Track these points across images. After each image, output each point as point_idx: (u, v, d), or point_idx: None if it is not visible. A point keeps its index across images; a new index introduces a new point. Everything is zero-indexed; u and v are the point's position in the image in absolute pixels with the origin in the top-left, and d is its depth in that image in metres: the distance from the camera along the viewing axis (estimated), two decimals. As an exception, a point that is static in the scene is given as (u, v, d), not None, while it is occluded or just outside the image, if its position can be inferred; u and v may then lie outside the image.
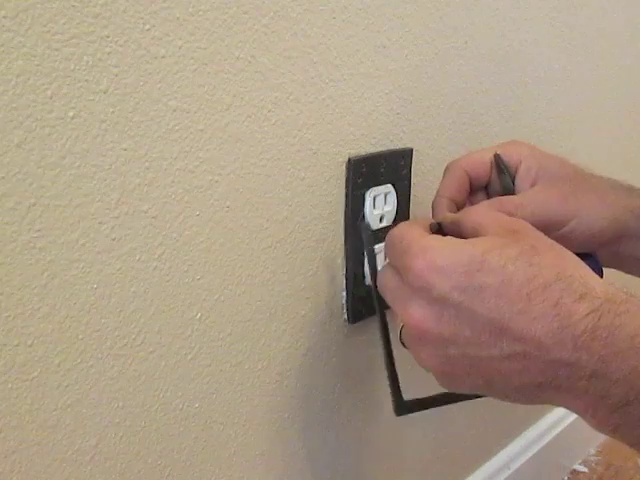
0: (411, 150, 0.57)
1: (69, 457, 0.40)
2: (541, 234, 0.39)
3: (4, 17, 0.32)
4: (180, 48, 0.39)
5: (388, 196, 0.55)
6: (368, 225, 0.53)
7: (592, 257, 0.48)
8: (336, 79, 0.49)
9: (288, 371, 0.52)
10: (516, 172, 0.49)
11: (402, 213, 0.57)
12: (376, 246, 0.55)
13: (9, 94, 0.33)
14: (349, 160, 0.52)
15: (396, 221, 0.57)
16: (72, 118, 0.35)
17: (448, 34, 0.58)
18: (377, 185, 0.54)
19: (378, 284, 0.42)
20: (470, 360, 0.36)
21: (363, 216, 0.54)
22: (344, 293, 0.55)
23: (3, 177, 0.33)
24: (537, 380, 0.35)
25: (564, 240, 0.45)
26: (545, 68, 0.74)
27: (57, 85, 0.34)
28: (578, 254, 0.48)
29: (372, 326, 0.59)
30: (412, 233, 0.39)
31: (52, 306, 0.37)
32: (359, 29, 0.50)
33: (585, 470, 1.01)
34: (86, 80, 0.35)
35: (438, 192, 0.49)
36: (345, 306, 0.55)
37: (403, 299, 0.38)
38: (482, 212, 0.41)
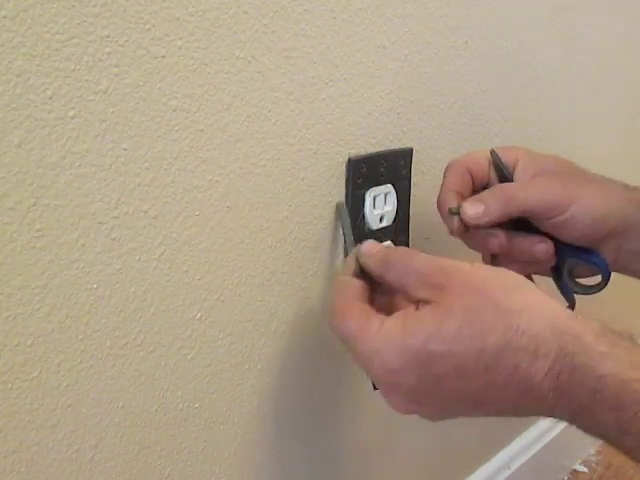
0: (411, 150, 0.57)
1: (69, 457, 0.40)
2: (468, 271, 0.38)
3: (4, 17, 0.32)
4: (180, 48, 0.39)
5: (388, 196, 0.55)
6: (344, 208, 0.52)
7: (597, 255, 0.48)
8: (336, 79, 0.49)
9: (288, 371, 0.52)
10: (514, 170, 0.50)
11: (402, 213, 0.57)
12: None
13: (9, 94, 0.33)
14: (349, 160, 0.52)
15: (396, 221, 0.57)
16: (72, 118, 0.35)
17: (448, 34, 0.58)
18: (377, 185, 0.54)
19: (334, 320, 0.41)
20: (463, 413, 0.39)
21: (363, 216, 0.54)
22: (344, 293, 0.55)
23: (3, 177, 0.33)
24: (530, 414, 0.37)
25: (567, 227, 0.46)
26: (545, 68, 0.74)
27: (57, 85, 0.34)
28: (583, 249, 0.49)
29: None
30: (350, 328, 0.39)
31: (52, 306, 0.37)
32: (359, 29, 0.50)
33: (585, 470, 1.01)
34: (86, 80, 0.35)
35: (444, 187, 0.50)
36: (345, 306, 0.55)
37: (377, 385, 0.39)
38: (401, 270, 0.40)
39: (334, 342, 0.56)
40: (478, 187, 0.51)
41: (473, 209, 0.47)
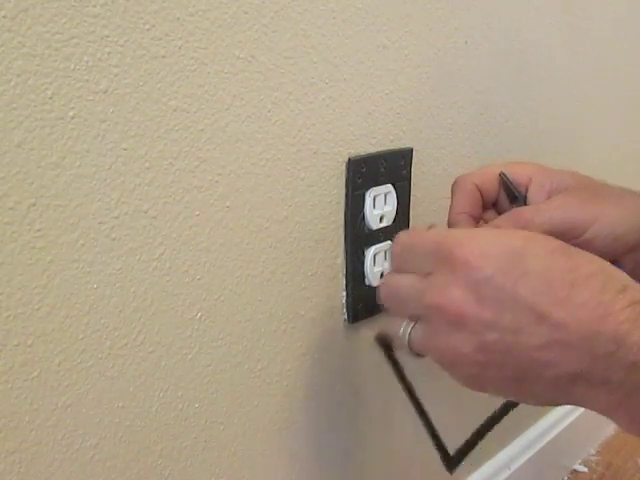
0: (411, 150, 0.57)
1: (69, 457, 0.40)
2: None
3: (4, 17, 0.32)
4: (180, 48, 0.39)
5: (388, 196, 0.55)
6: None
7: (618, 264, 0.47)
8: (336, 79, 0.49)
9: (288, 371, 0.52)
10: (527, 190, 0.48)
11: (402, 213, 0.57)
12: (373, 247, 0.55)
13: (9, 94, 0.33)
14: (349, 160, 0.52)
15: (396, 221, 0.57)
16: (72, 118, 0.35)
17: (448, 34, 0.58)
18: (377, 185, 0.54)
19: (382, 292, 0.42)
20: (507, 347, 0.36)
21: (363, 216, 0.54)
22: (344, 293, 0.55)
23: (3, 177, 0.33)
24: (573, 370, 0.35)
25: (588, 247, 0.44)
26: (546, 67, 0.74)
27: (57, 85, 0.34)
28: None
29: (372, 326, 0.59)
30: (438, 232, 0.40)
31: (52, 306, 0.37)
32: (359, 29, 0.50)
33: (585, 470, 1.01)
34: (86, 80, 0.35)
35: (453, 209, 0.48)
36: (345, 306, 0.55)
37: (435, 287, 0.38)
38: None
39: (335, 342, 0.56)
40: (487, 204, 0.49)
41: None
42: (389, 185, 0.55)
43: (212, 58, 0.41)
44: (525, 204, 0.48)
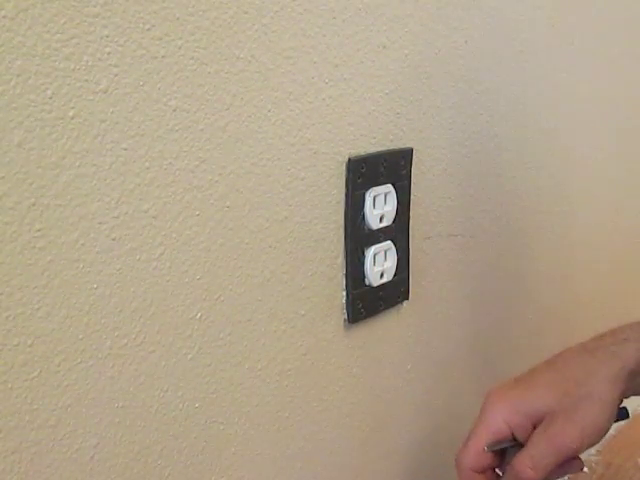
0: (411, 150, 0.57)
1: (69, 457, 0.40)
2: None
3: (4, 17, 0.32)
4: (180, 48, 0.39)
5: (388, 196, 0.55)
6: None
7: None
8: (336, 79, 0.49)
9: (288, 371, 0.52)
10: (512, 436, 0.51)
11: (402, 213, 0.57)
12: (373, 247, 0.55)
13: (9, 94, 0.33)
14: (349, 160, 0.52)
15: (396, 221, 0.57)
16: (72, 118, 0.35)
17: (448, 34, 0.58)
18: (377, 185, 0.54)
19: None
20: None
21: (363, 216, 0.54)
22: (344, 293, 0.55)
23: (3, 177, 0.33)
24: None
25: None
26: (546, 68, 0.74)
27: (57, 85, 0.34)
28: None
29: (372, 326, 0.59)
30: None
31: (52, 306, 0.37)
32: (359, 29, 0.50)
33: (585, 470, 1.01)
34: (86, 80, 0.35)
35: None
36: (345, 306, 0.55)
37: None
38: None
39: (335, 342, 0.56)
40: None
41: None
42: (389, 185, 0.55)
43: (212, 58, 0.41)
44: (517, 446, 0.50)
